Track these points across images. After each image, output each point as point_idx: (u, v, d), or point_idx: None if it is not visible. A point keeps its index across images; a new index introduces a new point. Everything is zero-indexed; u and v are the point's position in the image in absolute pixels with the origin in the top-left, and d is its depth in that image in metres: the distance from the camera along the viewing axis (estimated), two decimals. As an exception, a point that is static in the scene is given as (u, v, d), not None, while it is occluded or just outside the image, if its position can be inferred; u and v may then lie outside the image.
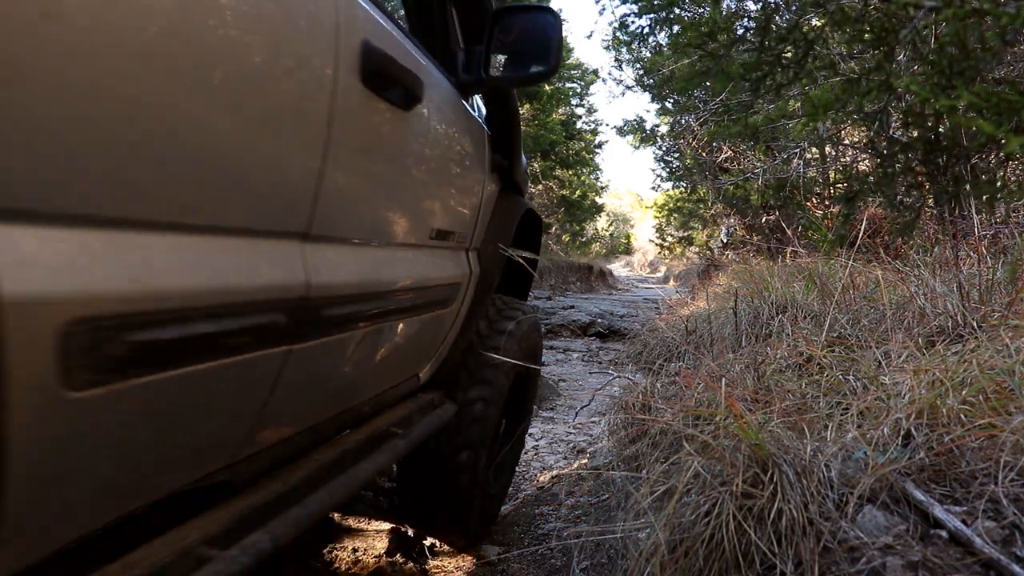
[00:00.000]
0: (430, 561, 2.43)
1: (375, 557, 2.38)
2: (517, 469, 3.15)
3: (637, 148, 12.40)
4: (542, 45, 1.96)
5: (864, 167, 5.88)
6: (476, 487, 2.14)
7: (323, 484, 1.27)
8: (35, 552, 0.73)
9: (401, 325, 1.58)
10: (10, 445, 0.62)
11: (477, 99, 2.20)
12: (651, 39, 8.90)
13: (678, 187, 12.37)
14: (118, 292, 0.74)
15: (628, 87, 11.51)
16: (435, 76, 1.71)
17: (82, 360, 0.69)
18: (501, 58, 2.05)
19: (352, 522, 2.58)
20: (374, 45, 1.28)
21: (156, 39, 0.77)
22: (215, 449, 1.05)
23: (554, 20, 2.01)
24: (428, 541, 2.58)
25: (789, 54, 1.46)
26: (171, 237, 0.84)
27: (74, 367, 0.68)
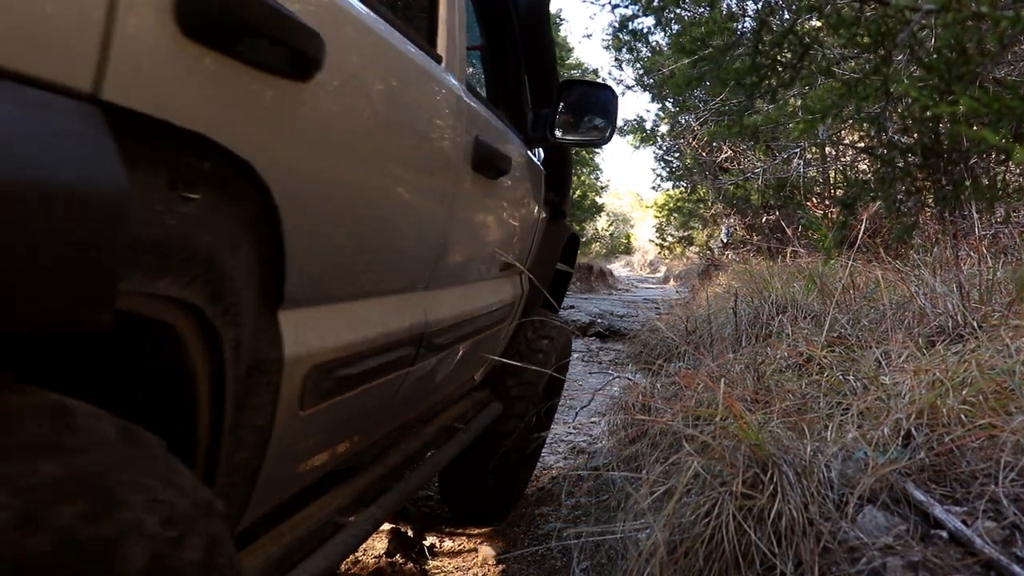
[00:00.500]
0: (430, 561, 2.44)
1: (375, 557, 2.38)
2: None
3: (637, 148, 12.41)
4: (601, 115, 2.36)
5: (864, 167, 5.88)
6: (511, 472, 2.42)
7: (414, 468, 1.66)
8: (260, 510, 1.07)
9: (472, 341, 1.95)
10: (270, 445, 0.97)
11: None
12: (651, 39, 8.91)
13: (678, 187, 12.38)
14: (335, 345, 1.11)
15: (628, 87, 11.52)
16: (514, 143, 2.08)
17: (310, 391, 1.04)
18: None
19: (353, 522, 2.58)
20: (482, 140, 1.70)
21: (383, 186, 1.22)
22: (357, 443, 1.40)
23: (612, 96, 2.42)
24: (428, 541, 2.58)
25: (788, 55, 1.47)
26: (364, 301, 1.25)
27: (306, 396, 1.03)
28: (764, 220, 8.46)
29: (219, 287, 0.78)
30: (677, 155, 10.83)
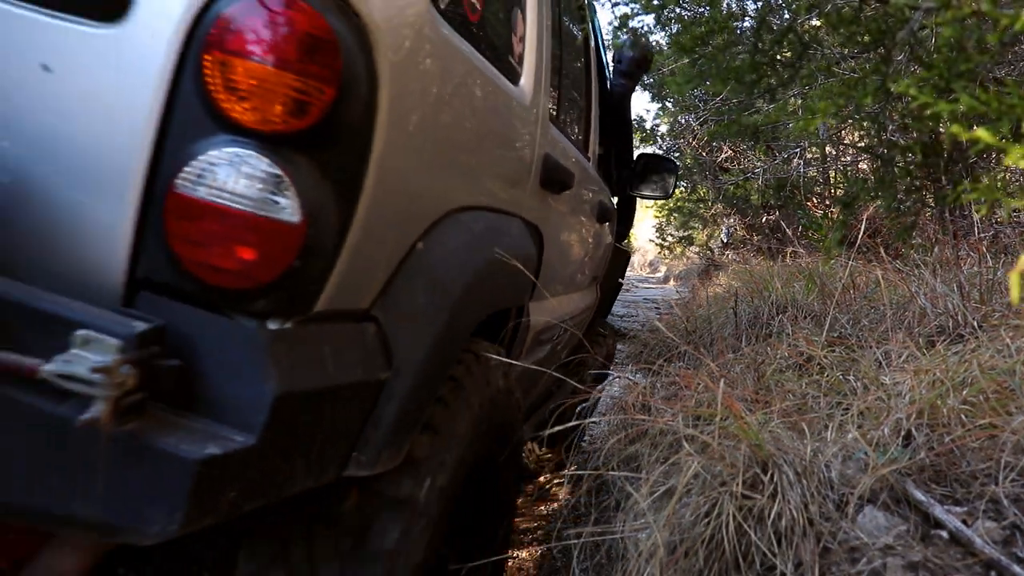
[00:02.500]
0: (430, 561, 2.43)
1: (375, 557, 2.38)
2: None
3: (637, 147, 12.40)
4: (665, 179, 3.45)
5: (864, 166, 5.88)
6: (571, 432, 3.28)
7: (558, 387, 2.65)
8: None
9: (563, 337, 2.66)
10: (521, 358, 1.91)
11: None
12: (651, 38, 8.88)
13: (678, 187, 12.36)
14: (547, 321, 2.11)
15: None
16: (605, 194, 3.18)
17: (530, 344, 2.03)
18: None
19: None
20: (603, 201, 2.98)
21: (583, 231, 2.72)
22: (531, 390, 2.26)
23: (673, 166, 3.57)
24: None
25: (788, 54, 1.46)
26: (557, 298, 2.26)
27: (528, 346, 2.00)
28: (764, 220, 8.46)
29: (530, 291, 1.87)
30: (677, 155, 10.83)
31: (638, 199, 3.64)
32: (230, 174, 0.90)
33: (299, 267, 0.95)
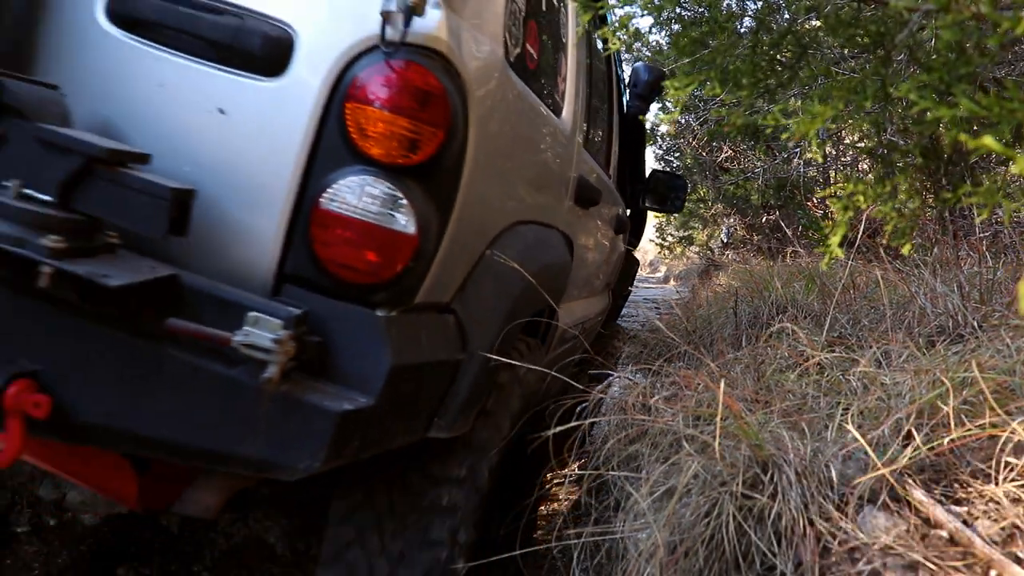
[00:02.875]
0: (431, 561, 2.44)
1: (376, 557, 2.38)
2: None
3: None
4: (676, 194, 3.82)
5: (864, 166, 5.88)
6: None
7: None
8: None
9: (592, 328, 3.07)
10: (551, 352, 2.18)
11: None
12: (651, 39, 8.89)
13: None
14: (572, 322, 2.40)
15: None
16: (621, 208, 3.43)
17: (558, 340, 2.29)
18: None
19: (353, 522, 2.59)
20: (620, 215, 3.29)
21: (600, 239, 3.05)
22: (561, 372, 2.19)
23: (683, 182, 3.98)
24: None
25: (787, 55, 1.46)
26: (575, 302, 2.58)
27: (555, 343, 2.24)
28: (764, 220, 8.45)
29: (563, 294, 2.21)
30: (677, 155, 10.82)
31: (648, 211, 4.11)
32: (362, 195, 1.19)
33: (410, 268, 1.25)
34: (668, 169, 5.68)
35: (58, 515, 2.26)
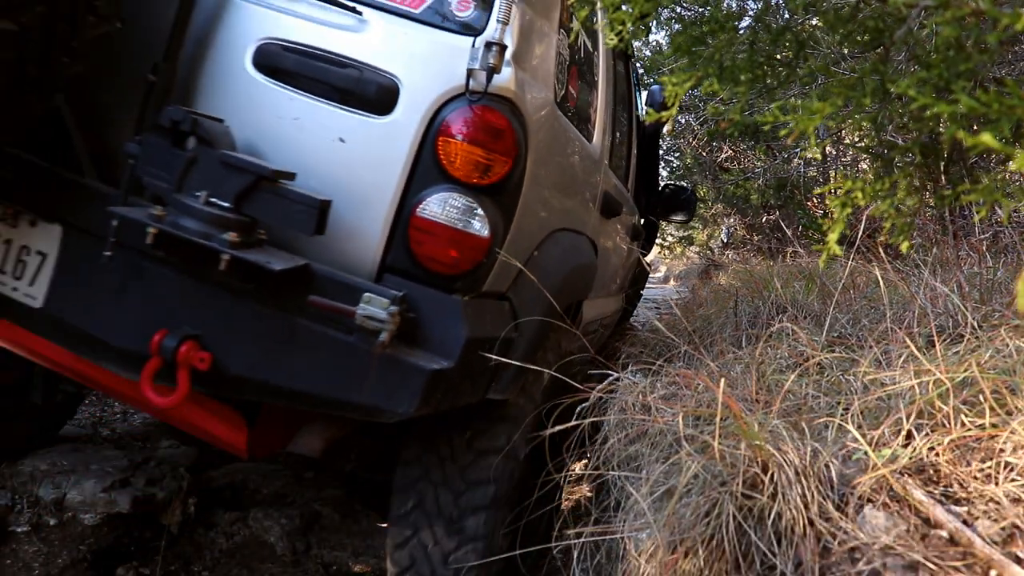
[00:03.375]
0: (430, 561, 2.43)
1: (375, 557, 2.38)
2: None
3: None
4: (685, 206, 4.30)
5: (864, 166, 5.87)
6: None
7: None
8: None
9: (601, 331, 3.30)
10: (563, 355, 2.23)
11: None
12: (651, 37, 8.88)
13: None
14: (592, 318, 2.79)
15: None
16: (631, 208, 3.55)
17: (584, 330, 2.53)
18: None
19: (351, 522, 2.58)
20: (637, 224, 3.74)
21: (619, 242, 3.35)
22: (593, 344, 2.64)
23: (692, 194, 4.41)
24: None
25: (787, 53, 1.46)
26: (596, 299, 2.85)
27: (583, 331, 2.49)
28: (764, 220, 8.45)
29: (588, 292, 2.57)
30: (677, 155, 10.82)
31: (659, 222, 4.60)
32: (448, 207, 1.57)
33: (482, 263, 1.62)
34: (680, 184, 6.01)
35: (58, 515, 2.25)
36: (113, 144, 1.61)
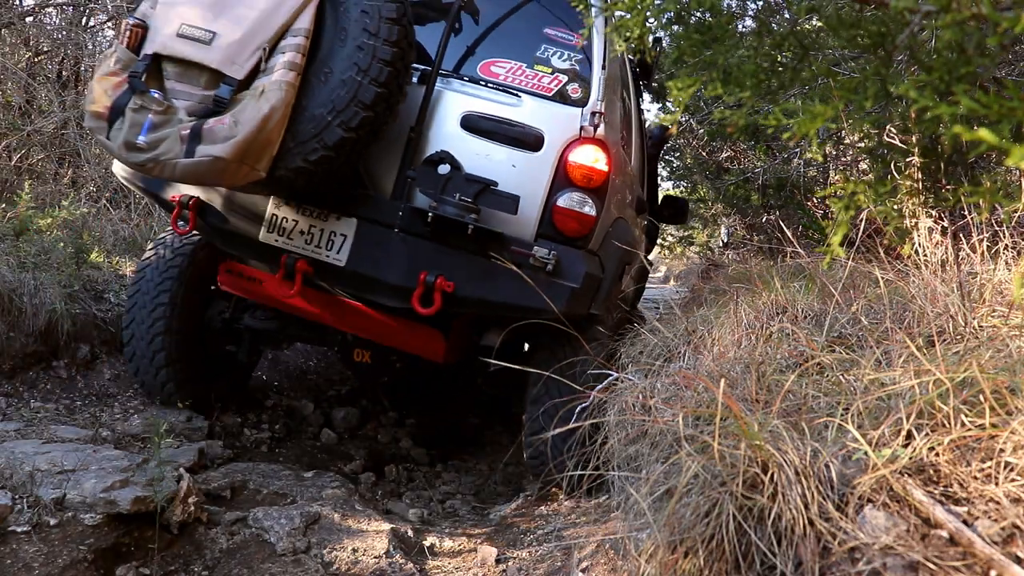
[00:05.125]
0: (430, 561, 2.44)
1: (375, 557, 2.38)
2: (517, 469, 4.02)
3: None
4: (681, 212, 5.37)
5: (864, 166, 5.87)
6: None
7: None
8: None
9: (632, 296, 4.34)
10: (611, 296, 3.24)
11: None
12: (650, 37, 8.86)
13: (678, 187, 12.38)
14: (625, 284, 3.61)
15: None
16: (646, 208, 4.32)
17: (621, 290, 3.59)
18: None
19: (352, 522, 2.58)
20: (640, 197, 4.07)
21: (636, 237, 4.13)
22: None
23: (685, 203, 5.48)
24: (428, 541, 2.58)
25: (788, 55, 1.46)
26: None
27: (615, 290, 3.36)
28: (764, 220, 8.45)
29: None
30: (677, 155, 10.82)
31: (660, 224, 5.67)
32: (572, 200, 2.77)
33: (592, 231, 2.80)
34: (676, 195, 7.23)
35: (58, 515, 2.26)
36: (381, 173, 2.84)
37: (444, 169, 2.69)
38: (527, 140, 2.76)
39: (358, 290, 2.87)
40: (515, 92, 2.84)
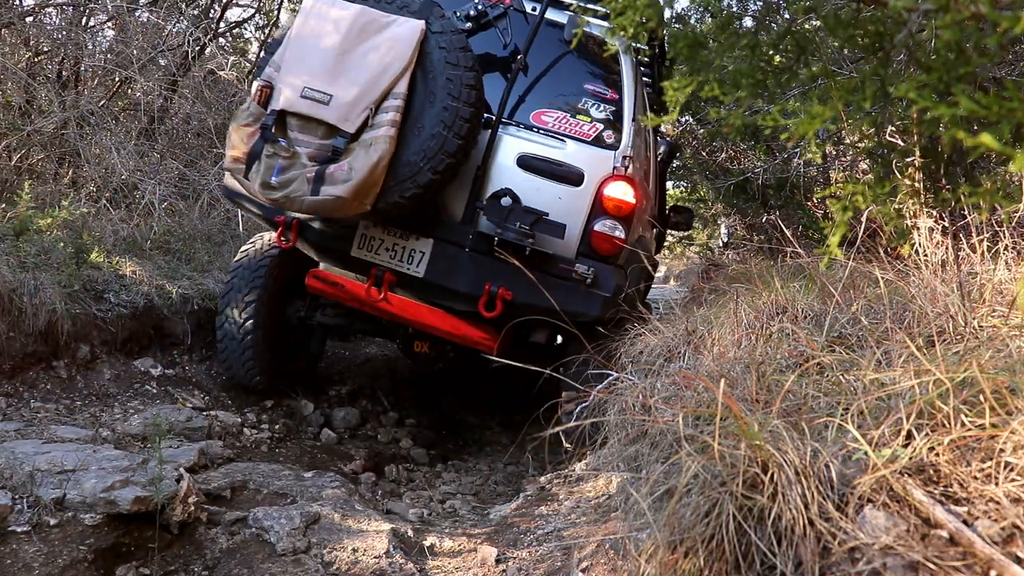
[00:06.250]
0: (430, 561, 2.44)
1: (375, 557, 2.38)
2: (517, 469, 4.28)
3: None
4: (687, 220, 6.18)
5: (864, 167, 5.87)
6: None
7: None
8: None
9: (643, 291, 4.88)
10: (627, 281, 3.83)
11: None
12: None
13: (678, 187, 12.37)
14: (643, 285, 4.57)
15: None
16: (658, 223, 5.30)
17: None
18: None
19: (352, 522, 2.58)
20: (654, 215, 5.05)
21: (650, 237, 5.20)
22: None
23: (690, 212, 6.39)
24: (428, 541, 2.58)
25: (788, 55, 1.46)
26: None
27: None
28: (764, 220, 8.44)
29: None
30: (677, 155, 10.81)
31: (666, 231, 6.37)
32: (606, 226, 3.46)
33: (621, 251, 3.48)
34: (683, 205, 8.00)
35: (58, 515, 2.26)
36: (452, 202, 3.48)
37: (506, 201, 3.34)
38: (571, 177, 3.42)
39: (433, 296, 3.53)
40: (561, 137, 3.51)
